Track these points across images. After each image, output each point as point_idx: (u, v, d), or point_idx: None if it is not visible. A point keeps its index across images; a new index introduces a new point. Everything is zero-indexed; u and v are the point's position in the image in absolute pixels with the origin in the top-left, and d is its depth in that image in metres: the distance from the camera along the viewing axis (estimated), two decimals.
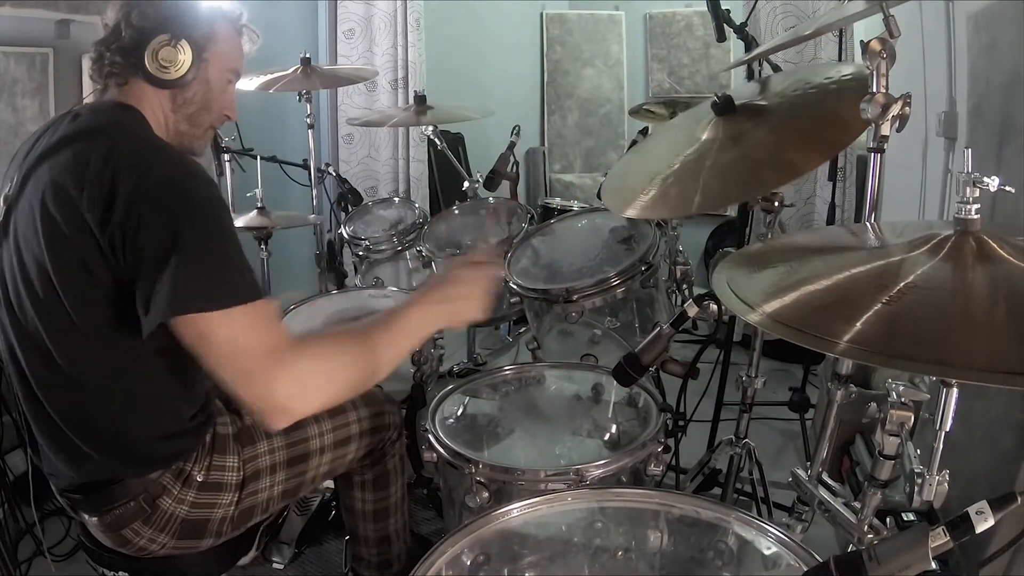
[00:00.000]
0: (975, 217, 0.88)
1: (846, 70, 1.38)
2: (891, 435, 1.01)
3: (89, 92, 1.32)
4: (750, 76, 2.03)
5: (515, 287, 2.00)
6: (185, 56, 1.23)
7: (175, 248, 1.04)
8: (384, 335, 1.19)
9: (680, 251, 2.59)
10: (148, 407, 1.23)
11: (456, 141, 4.14)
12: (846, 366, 1.24)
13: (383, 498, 1.64)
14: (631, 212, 1.38)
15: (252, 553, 1.83)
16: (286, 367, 1.05)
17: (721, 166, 1.30)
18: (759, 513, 1.62)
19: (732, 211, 3.83)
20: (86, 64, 1.30)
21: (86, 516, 1.27)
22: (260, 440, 1.38)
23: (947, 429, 0.91)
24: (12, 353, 1.21)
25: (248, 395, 1.05)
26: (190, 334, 1.05)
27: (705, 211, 1.25)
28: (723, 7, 1.77)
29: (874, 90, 1.09)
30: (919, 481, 0.95)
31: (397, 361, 1.22)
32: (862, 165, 2.83)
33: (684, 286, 2.24)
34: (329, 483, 2.06)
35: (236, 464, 1.33)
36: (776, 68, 1.98)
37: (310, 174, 2.90)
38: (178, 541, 1.28)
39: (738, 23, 1.84)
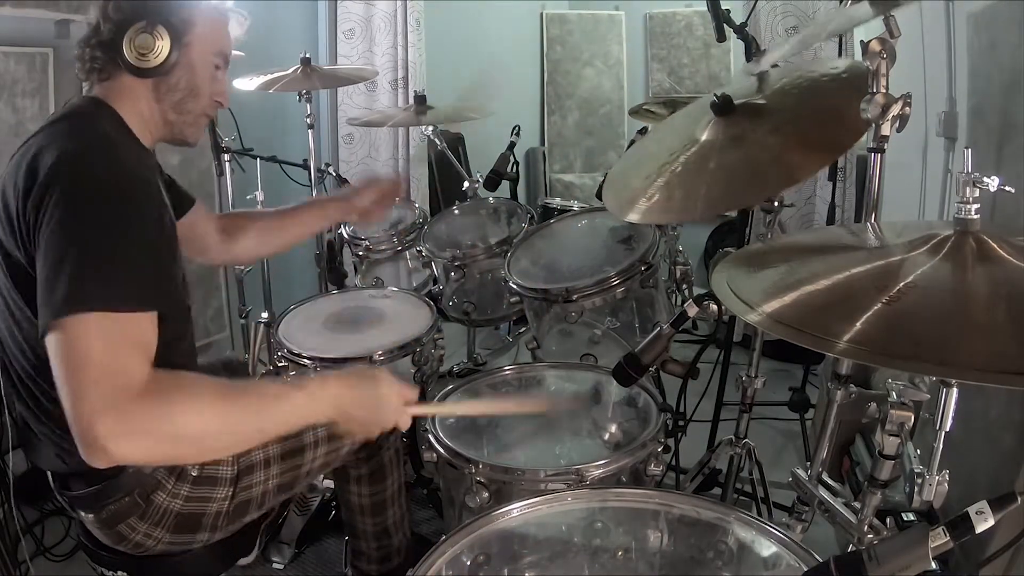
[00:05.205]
0: (975, 217, 0.88)
1: (841, 65, 1.38)
2: (891, 435, 1.01)
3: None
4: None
5: (515, 287, 2.00)
6: (163, 42, 1.21)
7: (63, 238, 1.00)
8: (263, 402, 1.10)
9: (680, 251, 2.57)
10: None
11: (456, 141, 4.14)
12: (846, 366, 1.24)
13: (380, 491, 1.64)
14: (633, 216, 1.35)
15: (253, 553, 1.83)
16: (120, 404, 0.93)
17: (724, 169, 1.29)
18: (759, 513, 1.63)
19: (732, 211, 3.82)
20: None
21: (83, 513, 1.27)
22: None
23: (947, 429, 0.91)
24: (7, 350, 1.21)
25: (74, 418, 0.93)
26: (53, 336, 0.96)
27: (709, 216, 1.25)
28: (723, 7, 1.77)
29: (874, 90, 1.09)
30: (919, 481, 0.95)
31: (275, 431, 1.13)
32: (862, 165, 2.83)
33: (684, 286, 2.24)
34: (329, 483, 2.06)
35: (230, 458, 1.33)
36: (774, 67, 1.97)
37: (310, 174, 2.89)
38: (173, 535, 1.28)
39: (738, 23, 1.83)
